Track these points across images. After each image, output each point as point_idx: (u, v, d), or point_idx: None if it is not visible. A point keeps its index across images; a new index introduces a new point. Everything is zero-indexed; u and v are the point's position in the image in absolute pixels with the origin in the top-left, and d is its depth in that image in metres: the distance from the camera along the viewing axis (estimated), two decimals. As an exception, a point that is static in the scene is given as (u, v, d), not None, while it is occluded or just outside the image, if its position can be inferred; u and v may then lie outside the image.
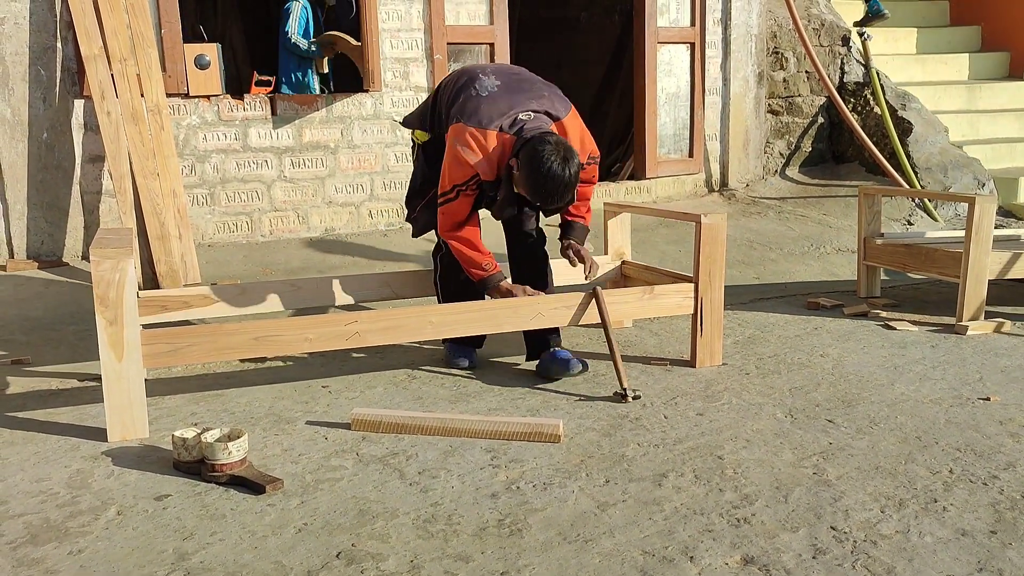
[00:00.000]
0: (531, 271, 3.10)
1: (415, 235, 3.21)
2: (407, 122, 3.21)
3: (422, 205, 3.12)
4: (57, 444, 2.50)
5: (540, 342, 3.07)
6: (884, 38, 6.92)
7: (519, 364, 3.20)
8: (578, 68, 7.81)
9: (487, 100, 2.79)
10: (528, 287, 2.98)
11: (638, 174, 5.96)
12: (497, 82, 2.84)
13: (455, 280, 3.10)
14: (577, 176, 2.70)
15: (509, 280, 3.01)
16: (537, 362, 3.06)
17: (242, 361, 3.27)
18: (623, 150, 6.48)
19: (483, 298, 3.01)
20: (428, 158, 3.07)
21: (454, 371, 3.16)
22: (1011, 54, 7.19)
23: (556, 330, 3.07)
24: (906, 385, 2.92)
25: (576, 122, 2.93)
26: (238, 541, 1.93)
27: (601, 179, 6.09)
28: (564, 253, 3.07)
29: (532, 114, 2.79)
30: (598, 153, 3.08)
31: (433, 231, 3.12)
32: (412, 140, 3.20)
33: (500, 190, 2.83)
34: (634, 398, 2.78)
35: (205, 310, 3.12)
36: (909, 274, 4.47)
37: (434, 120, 3.01)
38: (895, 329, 3.61)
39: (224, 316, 3.23)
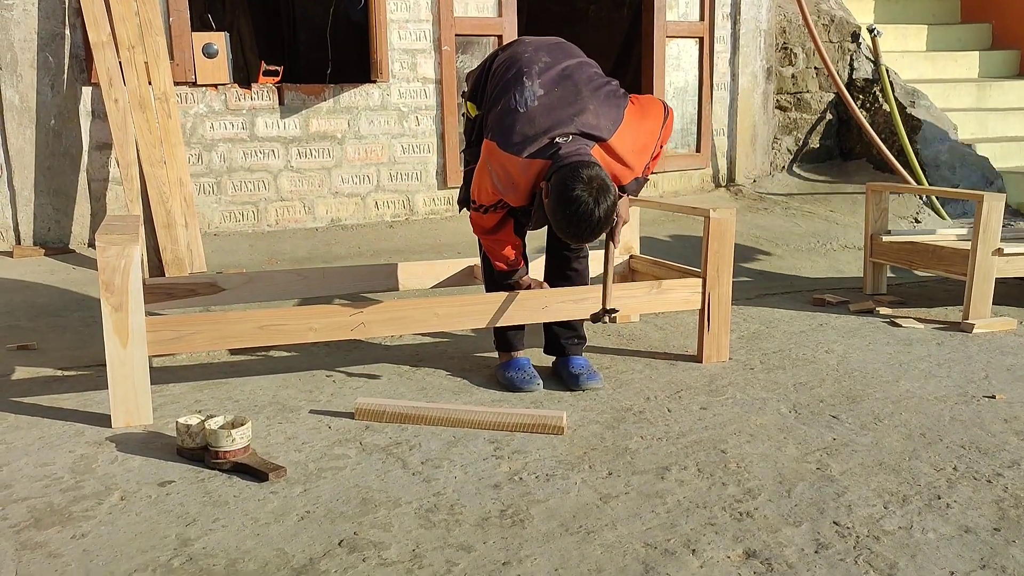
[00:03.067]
0: (561, 276, 3.00)
1: (459, 208, 3.02)
2: (465, 94, 2.99)
3: (464, 180, 2.96)
4: (61, 429, 2.51)
5: (556, 345, 3.01)
6: (894, 35, 6.89)
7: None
8: (586, 62, 7.78)
9: (524, 118, 2.54)
10: (544, 283, 2.93)
11: (645, 168, 5.94)
12: (540, 91, 2.58)
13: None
14: (609, 216, 2.44)
15: (529, 276, 2.94)
16: (553, 360, 3.03)
17: (232, 352, 3.27)
18: (630, 144, 6.46)
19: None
20: (472, 134, 2.88)
21: (457, 362, 3.15)
22: (1021, 52, 7.15)
23: (577, 334, 3.00)
24: (911, 382, 2.91)
25: (627, 138, 2.62)
26: (240, 528, 1.94)
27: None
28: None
29: (571, 136, 2.52)
30: (656, 132, 2.72)
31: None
32: (464, 111, 2.97)
33: (532, 211, 2.67)
34: (611, 320, 2.79)
35: (211, 298, 3.12)
36: (915, 271, 4.46)
37: (482, 99, 2.81)
38: (901, 326, 3.59)
39: (230, 305, 3.24)
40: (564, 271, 2.99)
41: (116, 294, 2.44)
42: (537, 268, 3.16)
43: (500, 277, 2.91)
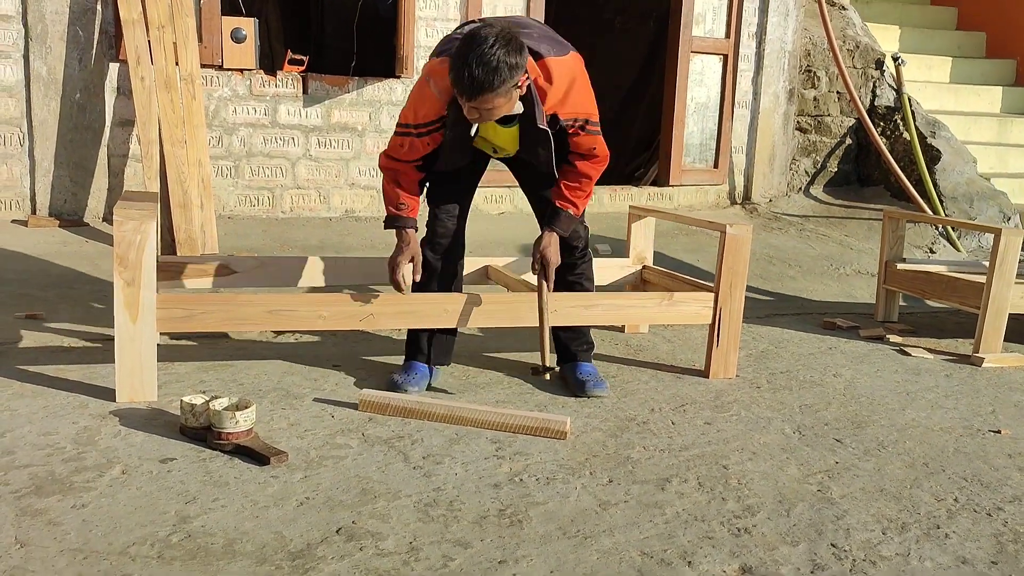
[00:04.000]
0: (565, 285, 2.90)
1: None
2: None
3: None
4: (66, 400, 2.52)
5: (564, 351, 2.97)
6: (918, 65, 6.87)
7: (530, 359, 3.19)
8: (609, 71, 7.78)
9: (464, 38, 2.42)
10: (416, 259, 2.69)
11: (661, 181, 5.96)
12: (489, 27, 2.47)
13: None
14: (510, 70, 2.28)
15: (415, 233, 2.67)
16: (560, 366, 2.99)
17: (239, 335, 3.28)
18: (648, 156, 6.47)
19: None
20: None
21: (463, 360, 3.15)
22: (1046, 90, 7.14)
23: (584, 340, 2.97)
24: (917, 411, 2.90)
25: (565, 68, 2.50)
26: (240, 509, 1.94)
27: (623, 183, 6.11)
28: (533, 252, 2.74)
29: None
30: (595, 117, 2.60)
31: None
32: None
33: (447, 116, 2.49)
34: (545, 371, 2.72)
35: (222, 280, 3.13)
36: (928, 301, 4.44)
37: None
38: (910, 355, 3.58)
39: (240, 288, 3.24)
40: (566, 278, 2.92)
41: (130, 269, 2.45)
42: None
43: (385, 224, 2.69)
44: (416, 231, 2.69)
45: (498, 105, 2.36)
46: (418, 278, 2.74)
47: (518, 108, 2.47)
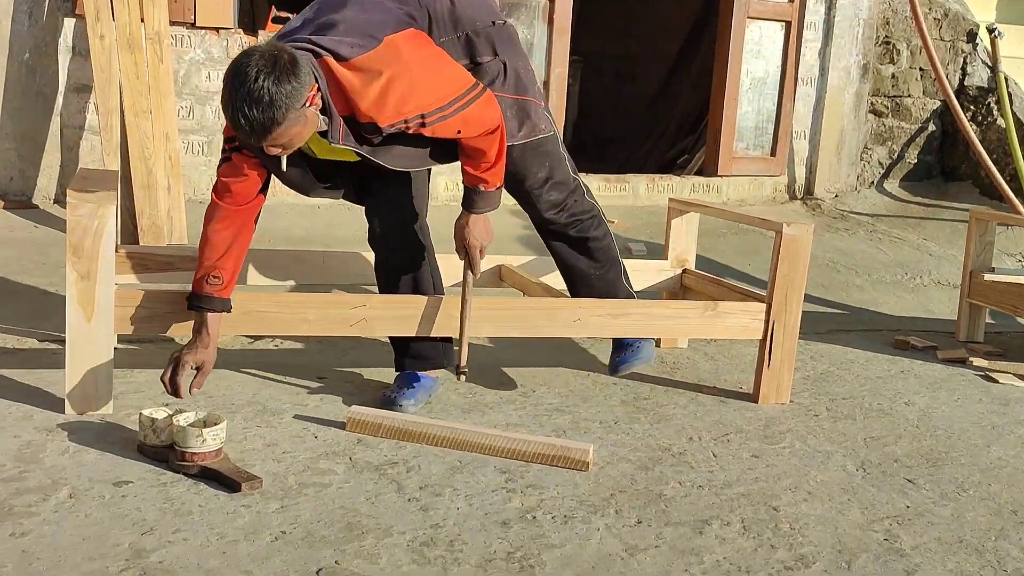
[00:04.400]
0: (582, 279, 3.11)
1: None
2: None
3: None
4: (7, 410, 2.55)
5: None
6: (1018, 38, 6.84)
7: (548, 375, 3.21)
8: (648, 39, 7.82)
9: (277, 36, 2.49)
10: (206, 366, 2.56)
11: (708, 170, 5.97)
12: (309, 13, 2.55)
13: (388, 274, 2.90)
14: (291, 94, 2.24)
15: (215, 321, 2.55)
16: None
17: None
18: (693, 140, 6.48)
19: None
20: None
21: (469, 374, 3.17)
22: None
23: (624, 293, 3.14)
24: (1004, 449, 2.89)
25: (373, 65, 2.42)
26: (204, 543, 1.96)
27: (662, 172, 6.13)
28: (455, 238, 2.78)
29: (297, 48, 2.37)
30: (435, 104, 2.48)
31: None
32: None
33: None
34: (461, 372, 2.76)
35: (191, 275, 3.15)
36: (1020, 319, 4.42)
37: None
38: (997, 382, 3.57)
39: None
40: (580, 269, 3.05)
41: (84, 260, 2.48)
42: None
43: (188, 299, 2.59)
44: (225, 312, 2.58)
45: (294, 134, 2.32)
46: (199, 387, 2.57)
47: (324, 123, 2.42)
